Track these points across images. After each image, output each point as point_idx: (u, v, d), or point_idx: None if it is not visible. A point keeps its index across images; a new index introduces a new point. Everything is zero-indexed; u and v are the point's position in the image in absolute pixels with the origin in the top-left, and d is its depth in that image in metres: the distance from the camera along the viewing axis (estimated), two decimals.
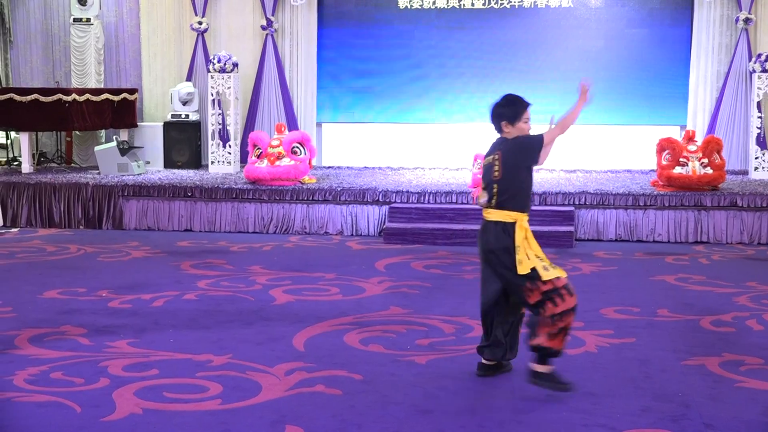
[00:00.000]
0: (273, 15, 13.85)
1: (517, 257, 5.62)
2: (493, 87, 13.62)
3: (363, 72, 14.04)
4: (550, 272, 5.57)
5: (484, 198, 5.78)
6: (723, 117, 13.15)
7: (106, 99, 13.27)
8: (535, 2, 13.62)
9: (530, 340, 5.59)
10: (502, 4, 13.67)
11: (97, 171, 12.90)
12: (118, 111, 13.45)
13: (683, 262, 9.80)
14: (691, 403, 5.46)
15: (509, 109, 5.73)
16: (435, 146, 13.94)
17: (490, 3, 13.69)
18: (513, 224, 5.66)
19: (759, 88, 12.32)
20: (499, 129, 5.77)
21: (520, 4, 13.64)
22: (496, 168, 5.68)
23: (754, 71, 12.39)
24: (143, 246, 10.61)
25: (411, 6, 13.85)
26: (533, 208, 11.01)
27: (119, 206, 11.79)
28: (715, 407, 5.41)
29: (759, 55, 12.38)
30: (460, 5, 13.75)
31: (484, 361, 5.97)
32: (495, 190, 5.70)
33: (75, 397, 5.49)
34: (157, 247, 10.53)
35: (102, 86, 14.09)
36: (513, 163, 5.67)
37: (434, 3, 13.79)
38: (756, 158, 12.46)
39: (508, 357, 5.94)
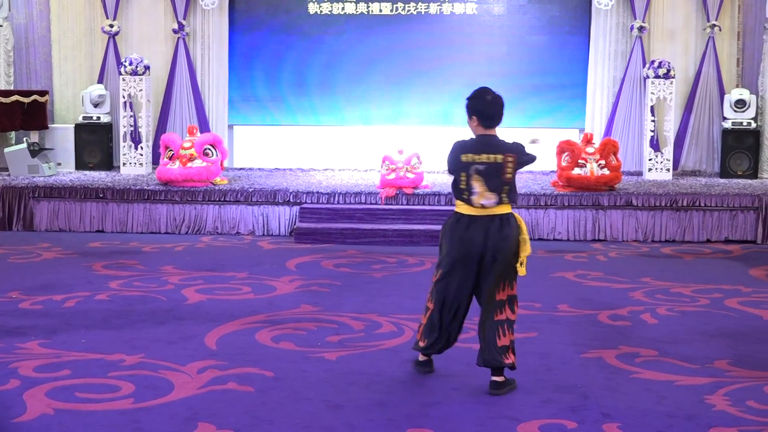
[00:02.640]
0: (184, 19, 13.68)
1: (528, 245, 5.61)
2: (400, 91, 13.69)
3: (274, 75, 13.94)
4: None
5: (493, 200, 5.57)
6: (619, 120, 13.42)
7: (16, 101, 12.93)
8: (440, 9, 13.70)
9: (505, 358, 5.54)
10: (408, 10, 13.72)
11: (7, 173, 12.57)
12: (29, 113, 13.12)
13: (582, 260, 9.97)
14: (589, 394, 5.57)
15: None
16: (344, 148, 13.93)
17: (397, 9, 13.73)
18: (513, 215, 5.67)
19: (652, 93, 12.61)
20: (496, 124, 5.72)
21: (426, 10, 13.71)
22: (509, 170, 5.59)
23: (647, 77, 12.68)
24: (54, 247, 10.39)
25: (320, 12, 13.81)
26: (435, 208, 11.12)
27: (30, 207, 11.51)
28: (612, 398, 5.52)
29: (652, 62, 12.67)
30: (368, 11, 13.76)
31: (422, 358, 5.93)
32: (505, 189, 5.60)
33: None
34: (69, 248, 10.31)
35: (12, 88, 13.73)
36: (518, 168, 5.67)
37: (343, 9, 13.78)
38: (650, 160, 12.74)
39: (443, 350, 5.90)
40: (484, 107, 5.71)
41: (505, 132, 5.89)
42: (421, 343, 5.86)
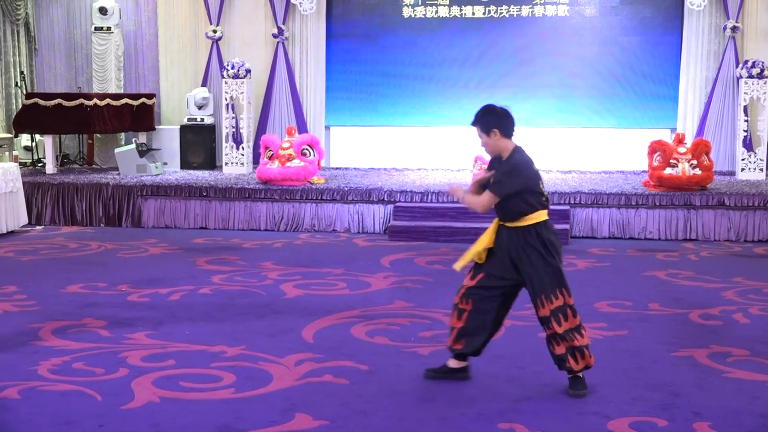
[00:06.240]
0: (284, 24, 13.85)
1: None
2: (493, 91, 13.60)
3: (369, 78, 14.02)
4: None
5: None
6: (711, 120, 13.12)
7: (126, 103, 13.27)
8: (532, 11, 13.59)
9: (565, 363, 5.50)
10: (501, 13, 13.65)
11: (117, 172, 12.90)
12: (137, 115, 13.45)
13: (673, 259, 9.77)
14: (680, 393, 5.45)
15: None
16: (438, 148, 13.92)
17: (489, 12, 13.67)
18: None
19: (746, 93, 12.29)
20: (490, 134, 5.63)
21: (519, 13, 13.62)
22: None
23: (741, 77, 12.36)
24: (161, 243, 10.61)
25: (415, 16, 13.83)
26: None
27: (138, 205, 11.79)
28: (703, 396, 5.40)
29: (746, 62, 12.35)
30: (461, 14, 13.73)
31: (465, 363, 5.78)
32: None
33: (96, 386, 5.49)
34: (174, 244, 10.53)
35: (122, 91, 14.10)
36: None
37: (437, 12, 13.78)
38: (743, 160, 12.43)
39: None
40: (506, 119, 5.63)
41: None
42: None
